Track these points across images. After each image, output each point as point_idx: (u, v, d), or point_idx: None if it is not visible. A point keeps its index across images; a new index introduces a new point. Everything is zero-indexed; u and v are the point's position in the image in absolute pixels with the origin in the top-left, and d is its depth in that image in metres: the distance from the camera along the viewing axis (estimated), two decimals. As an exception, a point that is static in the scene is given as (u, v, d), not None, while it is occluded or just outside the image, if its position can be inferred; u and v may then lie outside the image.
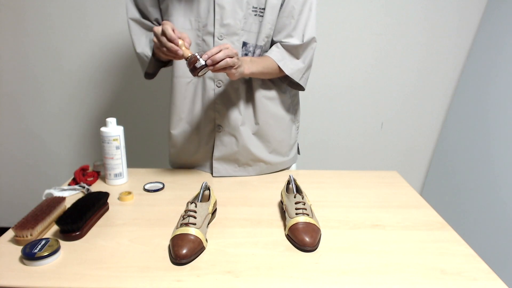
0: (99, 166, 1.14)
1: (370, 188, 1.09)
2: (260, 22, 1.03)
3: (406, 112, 1.92)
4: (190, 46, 0.92)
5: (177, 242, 0.74)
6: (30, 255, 0.70)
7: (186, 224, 0.78)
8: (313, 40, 1.08)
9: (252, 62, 1.01)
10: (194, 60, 0.88)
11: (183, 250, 0.72)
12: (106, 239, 0.81)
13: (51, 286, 0.66)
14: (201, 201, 0.88)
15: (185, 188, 1.08)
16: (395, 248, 0.79)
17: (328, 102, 1.89)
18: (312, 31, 1.06)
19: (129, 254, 0.75)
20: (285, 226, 0.85)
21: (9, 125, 1.94)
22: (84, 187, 1.04)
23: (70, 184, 1.07)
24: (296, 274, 0.70)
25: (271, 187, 1.09)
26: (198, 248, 0.74)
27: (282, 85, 1.15)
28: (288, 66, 1.07)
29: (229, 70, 0.92)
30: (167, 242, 0.80)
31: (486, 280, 0.69)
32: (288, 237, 0.82)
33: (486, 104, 1.64)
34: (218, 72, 0.92)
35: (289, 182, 0.97)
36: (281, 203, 0.98)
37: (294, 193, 0.90)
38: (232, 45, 1.02)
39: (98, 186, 1.08)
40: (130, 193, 1.01)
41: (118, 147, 1.05)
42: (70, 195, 1.01)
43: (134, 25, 1.08)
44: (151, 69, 1.13)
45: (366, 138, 1.96)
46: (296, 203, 0.86)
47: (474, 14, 1.76)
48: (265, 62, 1.04)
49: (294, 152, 1.25)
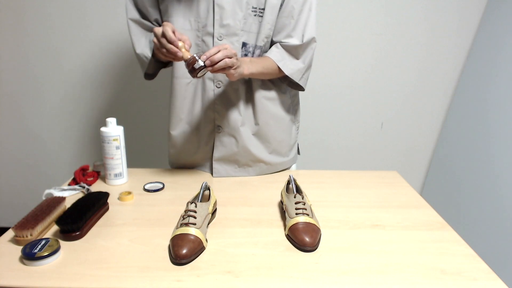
0: (99, 166, 1.14)
1: (370, 188, 1.09)
2: (259, 22, 1.02)
3: (406, 112, 1.92)
4: (190, 48, 0.92)
5: (177, 242, 0.74)
6: (30, 255, 0.70)
7: (186, 224, 0.78)
8: (313, 40, 1.08)
9: (251, 63, 1.01)
10: (193, 61, 0.88)
11: (183, 250, 0.72)
12: (106, 239, 0.81)
13: (51, 286, 0.66)
14: (201, 201, 0.88)
15: (185, 188, 1.08)
16: (395, 248, 0.79)
17: (328, 102, 1.89)
18: (312, 31, 1.06)
19: (129, 254, 0.75)
20: (285, 226, 0.85)
21: (9, 125, 1.94)
22: (84, 187, 1.04)
23: (70, 184, 1.07)
24: (296, 274, 0.70)
25: (271, 187, 1.09)
26: (198, 248, 0.74)
27: (282, 85, 1.15)
28: (288, 66, 1.07)
29: (228, 70, 0.92)
30: (167, 242, 0.80)
31: (486, 280, 0.69)
32: (288, 237, 0.82)
33: (486, 104, 1.64)
34: (217, 72, 0.92)
35: (289, 182, 0.97)
36: (281, 203, 0.98)
37: (294, 193, 0.90)
38: (231, 45, 1.02)
39: (98, 186, 1.08)
40: (130, 193, 1.01)
41: (118, 147, 1.05)
42: (70, 195, 1.01)
43: (134, 25, 1.08)
44: (151, 69, 1.13)
45: (366, 138, 1.96)
46: (296, 203, 0.86)
47: (474, 14, 1.76)
48: (264, 62, 1.04)
49: (294, 152, 1.25)
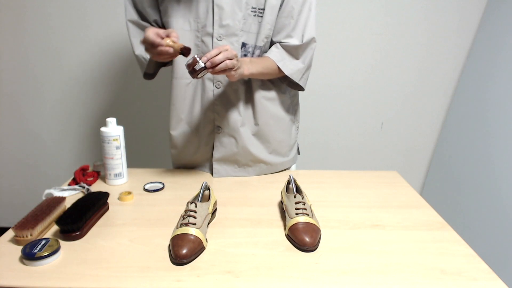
0: (99, 166, 1.14)
1: (370, 188, 1.09)
2: (259, 22, 1.02)
3: (406, 112, 1.92)
4: (179, 40, 0.91)
5: (177, 242, 0.74)
6: (30, 255, 0.70)
7: (186, 224, 0.78)
8: (312, 40, 1.08)
9: (251, 63, 1.01)
10: (193, 62, 0.88)
11: (183, 250, 0.72)
12: (106, 239, 0.81)
13: (51, 286, 0.66)
14: (201, 201, 0.88)
15: (185, 188, 1.08)
16: (395, 248, 0.79)
17: (328, 102, 1.89)
18: (311, 31, 1.06)
19: (129, 254, 0.75)
20: (285, 226, 0.85)
21: (9, 125, 1.94)
22: (84, 187, 1.04)
23: (70, 184, 1.07)
24: (296, 274, 0.70)
25: (271, 187, 1.09)
26: (198, 248, 0.74)
27: (282, 85, 1.15)
28: (287, 66, 1.07)
29: (228, 72, 0.92)
30: (167, 242, 0.80)
31: (486, 280, 0.69)
32: (288, 237, 0.82)
33: (486, 104, 1.64)
34: (217, 74, 0.92)
35: (289, 182, 0.97)
36: (281, 203, 0.98)
37: (294, 193, 0.90)
38: (231, 46, 1.02)
39: (98, 186, 1.08)
40: (130, 193, 1.01)
41: (118, 147, 1.05)
42: (70, 195, 1.01)
43: (133, 27, 1.08)
44: (151, 69, 1.13)
45: (366, 138, 1.96)
46: (296, 203, 0.86)
47: (474, 14, 1.76)
48: (264, 62, 1.04)
49: (294, 152, 1.25)
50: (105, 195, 0.93)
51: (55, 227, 0.84)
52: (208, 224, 0.85)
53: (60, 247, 0.75)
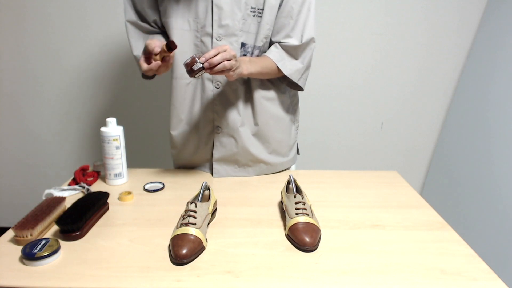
0: (99, 166, 1.14)
1: (370, 188, 1.09)
2: (258, 22, 1.02)
3: (406, 112, 1.92)
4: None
5: (177, 242, 0.74)
6: (30, 255, 0.70)
7: (186, 224, 0.78)
8: (311, 40, 1.07)
9: (250, 63, 1.01)
10: (192, 62, 0.88)
11: (183, 250, 0.72)
12: (106, 239, 0.81)
13: (51, 286, 0.66)
14: (201, 201, 0.88)
15: (185, 188, 1.08)
16: (395, 248, 0.79)
17: (328, 102, 1.89)
18: (310, 32, 1.06)
19: (129, 254, 0.75)
20: (285, 226, 0.85)
21: (9, 125, 1.94)
22: (84, 187, 1.04)
23: (70, 184, 1.07)
24: (296, 274, 0.70)
25: (271, 187, 1.09)
26: (198, 248, 0.74)
27: (281, 85, 1.15)
28: (287, 66, 1.07)
29: (227, 72, 0.92)
30: (167, 242, 0.80)
31: (486, 280, 0.69)
32: (288, 237, 0.82)
33: (486, 104, 1.64)
34: (215, 74, 0.92)
35: (289, 182, 0.97)
36: (281, 203, 0.98)
37: (294, 193, 0.90)
38: (230, 46, 1.02)
39: (98, 186, 1.08)
40: (130, 193, 1.01)
41: (118, 147, 1.05)
42: (70, 195, 1.01)
43: (132, 27, 1.08)
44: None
45: (366, 138, 1.96)
46: (296, 203, 0.86)
47: (474, 14, 1.76)
48: (264, 62, 1.04)
49: (294, 152, 1.25)
50: (105, 195, 0.93)
51: (55, 227, 0.84)
52: (208, 224, 0.85)
53: (60, 247, 0.75)
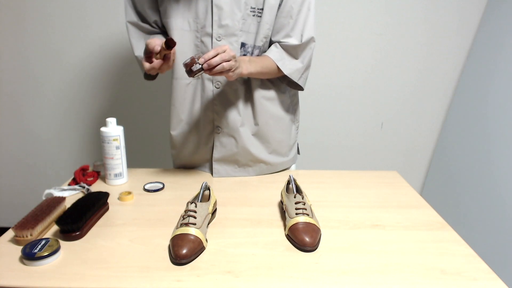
0: (99, 166, 1.14)
1: (370, 188, 1.09)
2: (258, 22, 1.02)
3: (406, 112, 1.92)
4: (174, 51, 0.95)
5: (177, 242, 0.74)
6: (30, 255, 0.70)
7: (186, 224, 0.78)
8: (311, 40, 1.07)
9: (250, 62, 1.01)
10: (191, 63, 0.89)
11: (183, 250, 0.72)
12: (106, 239, 0.81)
13: (51, 286, 0.66)
14: (201, 201, 0.88)
15: (185, 188, 1.08)
16: (395, 248, 0.79)
17: (328, 102, 1.89)
18: (310, 31, 1.06)
19: (129, 254, 0.75)
20: (285, 226, 0.85)
21: (9, 125, 1.94)
22: (84, 187, 1.04)
23: (70, 184, 1.07)
24: (296, 274, 0.70)
25: (271, 187, 1.09)
26: (198, 248, 0.74)
27: (281, 85, 1.15)
28: (287, 66, 1.07)
29: (226, 73, 0.92)
30: (167, 242, 0.80)
31: (486, 280, 0.69)
32: (288, 237, 0.82)
33: (486, 104, 1.64)
34: (215, 75, 0.92)
35: (289, 182, 0.97)
36: (281, 203, 0.98)
37: (294, 193, 0.90)
38: (230, 46, 1.02)
39: (98, 186, 1.08)
40: (130, 193, 1.01)
41: (118, 147, 1.05)
42: (70, 195, 1.01)
43: (133, 28, 1.08)
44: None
45: (366, 138, 1.96)
46: (296, 203, 0.86)
47: (474, 14, 1.76)
48: (263, 62, 1.04)
49: (294, 152, 1.25)
50: (105, 195, 0.93)
51: (55, 227, 0.84)
52: (208, 224, 0.85)
53: (60, 247, 0.75)
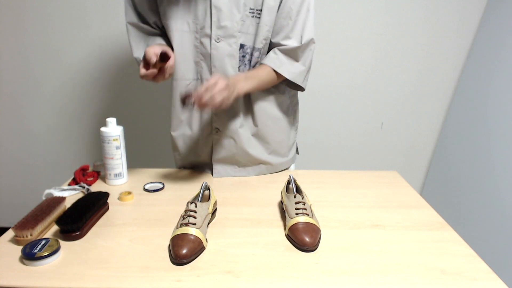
0: (99, 166, 1.14)
1: (370, 188, 1.09)
2: (257, 24, 1.02)
3: (406, 112, 1.92)
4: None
5: (177, 242, 0.74)
6: (30, 255, 0.70)
7: (186, 224, 0.78)
8: (311, 41, 1.07)
9: (246, 80, 1.01)
10: (186, 96, 0.92)
11: (183, 250, 0.72)
12: (106, 239, 0.81)
13: (51, 286, 0.66)
14: (201, 201, 0.88)
15: (185, 188, 1.08)
16: (395, 248, 0.79)
17: (328, 102, 1.89)
18: (310, 32, 1.05)
19: (129, 254, 0.75)
20: (285, 226, 0.85)
21: (9, 125, 1.94)
22: (84, 187, 1.04)
23: (70, 184, 1.07)
24: (296, 274, 0.70)
25: (271, 187, 1.09)
26: (198, 248, 0.74)
27: (281, 86, 1.15)
28: (289, 70, 1.06)
29: (220, 105, 0.93)
30: (167, 242, 0.80)
31: (486, 280, 0.69)
32: (288, 237, 0.82)
33: (486, 104, 1.64)
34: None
35: (289, 182, 0.97)
36: (281, 203, 0.98)
37: (294, 193, 0.90)
38: (229, 47, 1.02)
39: (98, 186, 1.08)
40: (130, 193, 1.01)
41: (118, 147, 1.05)
42: (70, 195, 1.01)
43: (132, 29, 1.08)
44: None
45: (366, 138, 1.96)
46: (296, 203, 0.86)
47: (474, 14, 1.76)
48: (260, 75, 1.04)
49: (293, 152, 1.25)
50: (105, 195, 0.93)
51: (55, 227, 0.84)
52: (208, 224, 0.85)
53: (60, 247, 0.75)
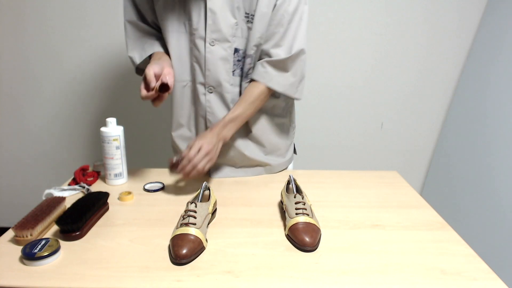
0: (99, 166, 1.14)
1: (370, 188, 1.09)
2: (249, 29, 1.00)
3: (406, 112, 1.92)
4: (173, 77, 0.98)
5: (177, 242, 0.74)
6: (30, 255, 0.70)
7: (186, 224, 0.78)
8: (301, 52, 1.03)
9: (231, 123, 1.03)
10: (174, 164, 0.97)
11: (183, 250, 0.72)
12: (106, 239, 0.81)
13: (51, 286, 0.66)
14: (201, 201, 0.88)
15: (185, 188, 1.08)
16: (395, 248, 0.79)
17: (328, 102, 1.89)
18: (301, 42, 1.02)
19: (129, 254, 0.75)
20: (285, 226, 0.85)
21: (9, 125, 1.94)
22: (84, 187, 1.04)
23: (70, 184, 1.07)
24: (296, 274, 0.70)
25: (271, 187, 1.09)
26: (198, 248, 0.74)
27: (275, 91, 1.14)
28: (279, 83, 1.04)
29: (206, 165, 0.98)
30: (167, 242, 0.80)
31: (486, 280, 0.69)
32: (288, 237, 0.82)
33: (486, 104, 1.64)
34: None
35: (289, 182, 0.97)
36: (281, 203, 0.98)
37: (294, 193, 0.90)
38: (224, 51, 1.01)
39: (98, 186, 1.08)
40: (130, 193, 1.01)
41: (118, 147, 1.05)
42: (70, 195, 1.01)
43: (130, 28, 1.07)
44: (144, 65, 1.12)
45: (366, 138, 1.96)
46: (296, 203, 0.86)
47: (474, 14, 1.76)
48: (245, 108, 1.03)
49: (290, 153, 1.24)
50: (105, 195, 0.93)
51: (55, 227, 0.84)
52: (208, 224, 0.85)
53: (60, 247, 0.75)
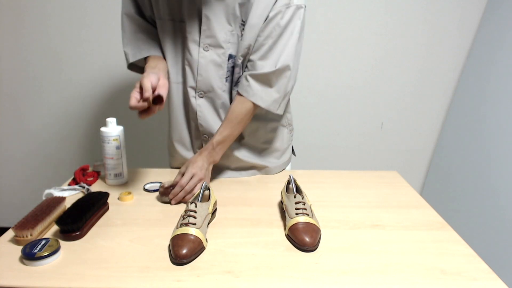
0: (99, 166, 1.14)
1: (370, 188, 1.09)
2: (240, 37, 0.99)
3: (406, 112, 1.92)
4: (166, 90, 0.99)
5: (177, 242, 0.74)
6: (30, 255, 0.70)
7: (186, 224, 0.78)
8: (287, 68, 0.98)
9: (220, 144, 1.03)
10: (164, 191, 0.98)
11: (183, 250, 0.72)
12: (106, 239, 0.81)
13: (51, 286, 0.66)
14: (201, 201, 0.88)
15: (185, 188, 1.08)
16: (395, 248, 0.79)
17: (328, 102, 1.89)
18: (288, 58, 0.98)
19: (129, 254, 0.75)
20: (285, 226, 0.85)
21: (9, 125, 1.94)
22: (84, 187, 1.04)
23: (70, 184, 1.07)
24: (296, 274, 0.70)
25: (271, 187, 1.09)
26: (198, 248, 0.74)
27: None
28: (262, 99, 1.01)
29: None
30: (167, 242, 0.80)
31: (486, 280, 0.69)
32: (288, 237, 0.82)
33: (486, 104, 1.64)
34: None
35: (289, 182, 0.97)
36: (281, 203, 0.98)
37: (294, 193, 0.90)
38: (218, 58, 1.00)
39: (98, 186, 1.08)
40: (130, 193, 1.01)
41: (118, 147, 1.05)
42: (70, 195, 1.01)
43: (127, 20, 1.07)
44: (141, 63, 1.11)
45: (366, 138, 1.96)
46: (296, 203, 0.86)
47: (474, 14, 1.76)
48: (234, 127, 1.03)
49: (288, 155, 1.24)
50: (105, 195, 0.93)
51: (55, 227, 0.84)
52: (208, 224, 0.85)
53: (60, 247, 0.75)
